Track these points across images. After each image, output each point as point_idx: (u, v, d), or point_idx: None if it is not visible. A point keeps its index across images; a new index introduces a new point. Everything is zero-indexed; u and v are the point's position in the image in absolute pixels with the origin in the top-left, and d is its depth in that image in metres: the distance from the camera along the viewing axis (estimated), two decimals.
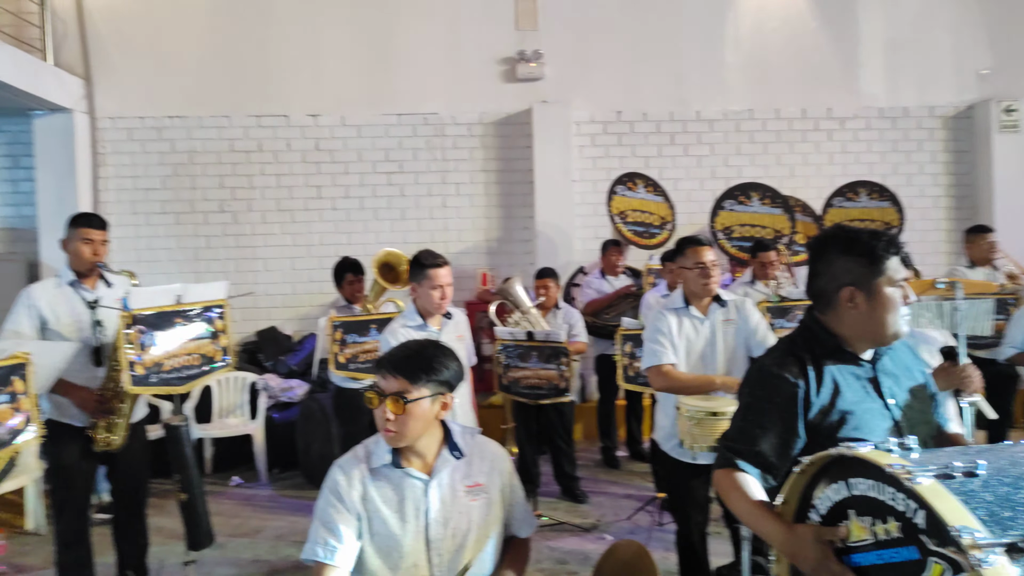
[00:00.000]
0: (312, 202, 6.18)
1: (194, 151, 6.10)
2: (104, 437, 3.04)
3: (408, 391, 1.69)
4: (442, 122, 6.26)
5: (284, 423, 5.32)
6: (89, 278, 3.13)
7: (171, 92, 6.06)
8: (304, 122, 6.16)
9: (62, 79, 5.76)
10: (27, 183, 6.06)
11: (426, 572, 1.73)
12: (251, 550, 3.99)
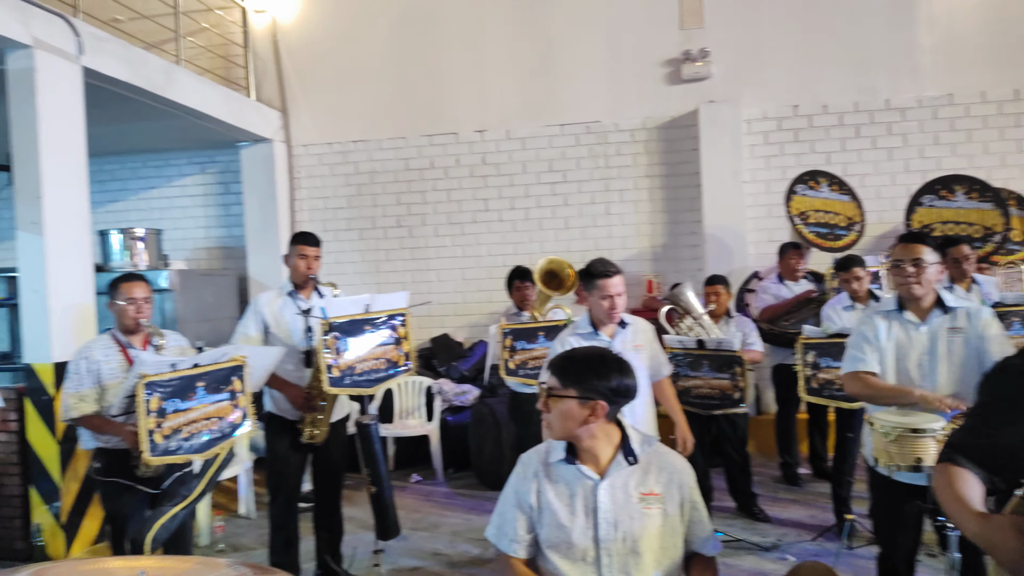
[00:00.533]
0: (480, 215, 6.43)
1: (374, 171, 6.60)
2: (309, 431, 3.37)
3: (556, 389, 1.80)
4: (604, 129, 6.26)
5: (457, 425, 5.57)
6: (305, 289, 3.49)
7: (354, 119, 6.61)
8: (471, 138, 6.43)
9: (263, 113, 6.48)
10: (236, 207, 6.87)
11: (594, 571, 1.77)
12: (431, 543, 4.21)
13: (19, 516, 4.23)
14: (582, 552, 1.78)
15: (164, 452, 2.65)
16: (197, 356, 2.84)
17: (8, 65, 4.11)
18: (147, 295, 3.07)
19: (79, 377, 2.95)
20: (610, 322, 2.99)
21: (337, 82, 6.64)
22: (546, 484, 1.84)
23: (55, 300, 4.16)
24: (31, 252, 4.15)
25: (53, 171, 4.17)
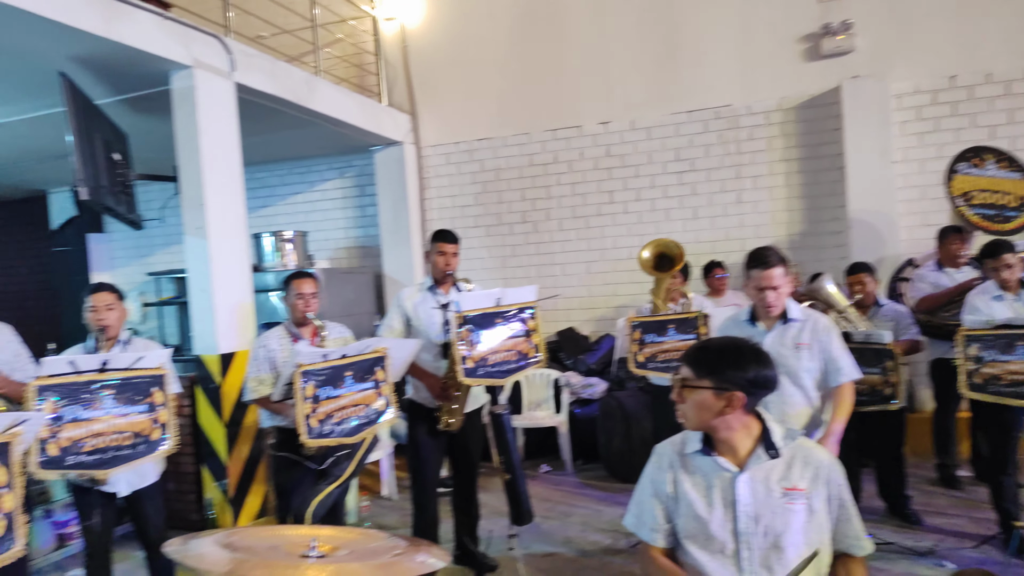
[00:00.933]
0: (605, 207, 6.38)
1: (499, 168, 6.72)
2: (446, 419, 3.50)
3: (690, 380, 1.77)
4: (735, 113, 6.00)
5: (585, 418, 5.58)
6: (444, 284, 3.64)
7: (479, 118, 6.76)
8: (595, 130, 6.39)
9: (394, 117, 6.78)
10: (372, 208, 7.25)
11: (733, 564, 1.73)
12: (562, 532, 4.25)
13: (193, 492, 4.71)
14: (720, 544, 1.75)
15: (319, 435, 2.86)
16: (345, 347, 3.04)
17: (172, 85, 4.56)
18: (314, 291, 3.35)
19: (258, 363, 3.27)
20: (767, 315, 2.85)
21: (462, 82, 6.82)
22: (682, 474, 1.83)
23: (219, 298, 4.59)
24: (197, 254, 4.60)
25: (214, 180, 4.60)
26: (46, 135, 5.87)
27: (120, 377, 2.60)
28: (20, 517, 1.97)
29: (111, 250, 8.68)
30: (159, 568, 3.30)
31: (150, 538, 3.26)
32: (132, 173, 4.83)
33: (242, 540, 1.50)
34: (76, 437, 2.46)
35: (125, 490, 3.14)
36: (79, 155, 3.91)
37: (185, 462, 4.67)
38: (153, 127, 5.49)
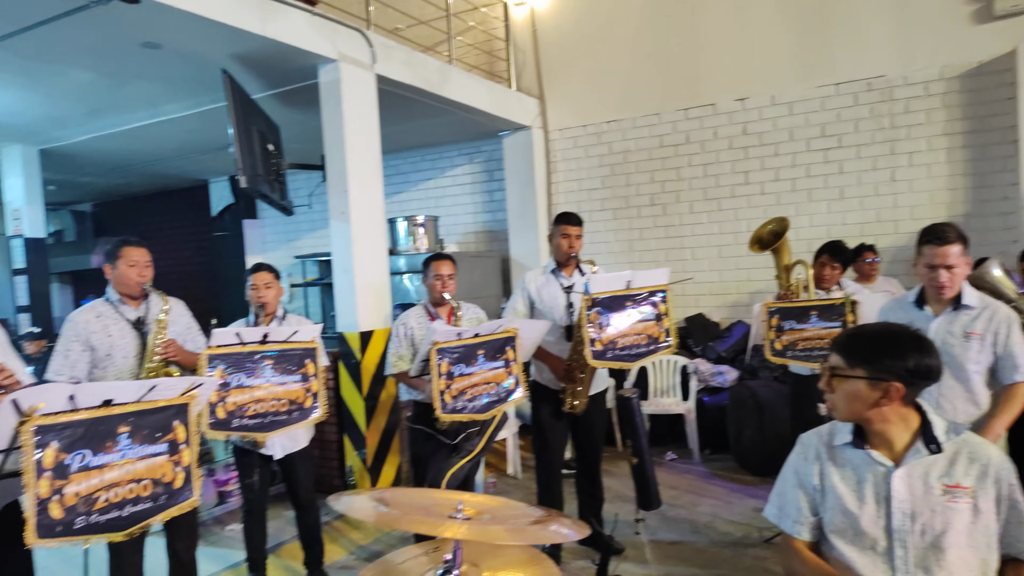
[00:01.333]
0: (739, 188, 6.10)
1: (628, 151, 6.60)
2: (570, 401, 3.53)
3: (841, 369, 1.66)
4: (890, 84, 5.52)
5: (714, 407, 5.40)
6: (567, 267, 3.66)
7: (607, 100, 6.67)
8: (731, 107, 6.11)
9: (523, 101, 6.84)
10: (499, 193, 7.37)
11: (885, 562, 1.63)
12: (689, 521, 4.17)
13: (335, 459, 5.05)
14: (871, 541, 1.65)
15: (452, 410, 2.97)
16: (478, 327, 3.12)
17: (320, 78, 4.86)
18: (452, 272, 3.48)
19: (398, 340, 3.46)
20: (938, 298, 2.58)
21: (591, 64, 6.74)
22: (830, 467, 1.73)
23: (360, 278, 4.86)
24: (341, 238, 4.89)
25: (356, 168, 4.86)
26: (208, 128, 6.46)
27: (278, 349, 2.82)
28: (196, 471, 2.20)
29: (263, 235, 9.43)
30: (308, 526, 3.58)
31: (300, 498, 3.54)
32: (284, 163, 5.20)
33: (394, 498, 1.60)
34: (240, 402, 2.71)
35: (279, 453, 3.42)
36: (239, 146, 4.26)
37: (329, 431, 5.00)
38: (301, 119, 5.88)
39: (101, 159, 7.74)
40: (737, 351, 5.67)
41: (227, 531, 4.42)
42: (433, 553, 1.85)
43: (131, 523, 2.02)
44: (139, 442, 2.00)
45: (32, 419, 1.75)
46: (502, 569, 1.70)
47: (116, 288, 3.06)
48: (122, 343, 2.98)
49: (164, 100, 5.64)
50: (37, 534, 1.80)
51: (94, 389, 1.90)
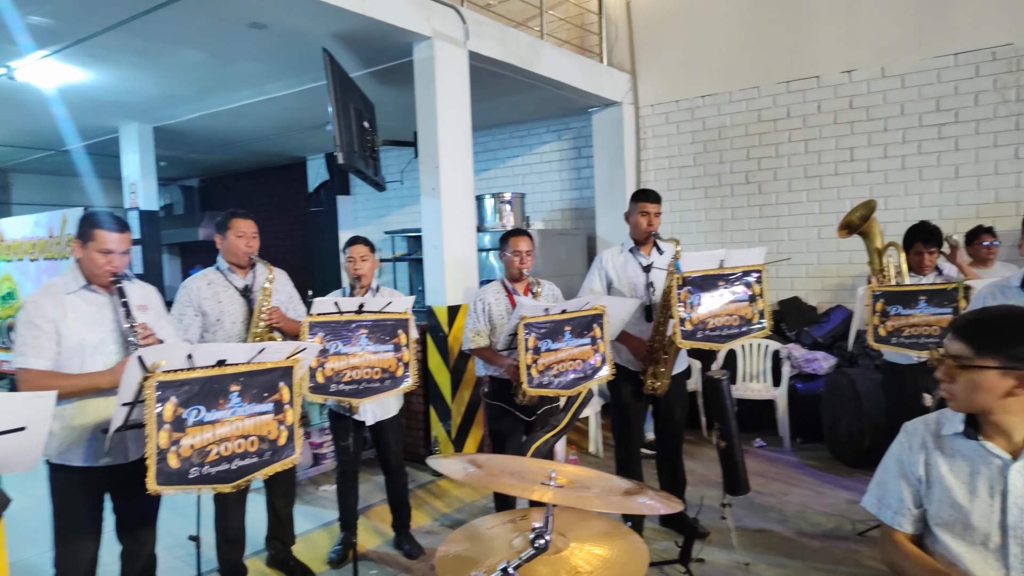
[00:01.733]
0: (843, 166, 5.78)
1: (723, 126, 6.37)
2: (651, 382, 3.48)
3: (966, 358, 1.54)
4: (1018, 53, 5.06)
5: (807, 394, 5.20)
6: (646, 245, 3.60)
7: (702, 73, 6.44)
8: (837, 80, 5.78)
9: (614, 76, 6.71)
10: (587, 170, 7.30)
11: (997, 559, 1.54)
12: (778, 509, 4.05)
13: (422, 429, 5.20)
14: (983, 536, 1.56)
15: (539, 385, 2.99)
16: (565, 303, 3.12)
17: (415, 56, 4.93)
18: (529, 248, 3.48)
19: (476, 316, 3.49)
20: None
21: (686, 37, 6.53)
22: (938, 457, 1.64)
23: (448, 253, 4.95)
24: (431, 214, 4.98)
25: (447, 144, 4.92)
26: (307, 107, 6.71)
27: (372, 319, 2.92)
28: (298, 430, 2.32)
29: (355, 210, 9.74)
30: (396, 490, 3.72)
31: (390, 463, 3.68)
32: (378, 140, 5.33)
33: (488, 462, 1.63)
34: (337, 368, 2.83)
35: (371, 419, 3.56)
36: (337, 124, 4.39)
37: (415, 402, 5.16)
38: (395, 97, 6.01)
39: (208, 136, 8.19)
40: (835, 337, 5.42)
41: (321, 491, 4.64)
42: (520, 521, 1.88)
43: (238, 476, 2.16)
44: (248, 400, 2.13)
45: (155, 375, 1.89)
46: (589, 541, 1.71)
47: (225, 257, 3.25)
48: (231, 309, 3.17)
49: (267, 79, 5.89)
50: (156, 481, 1.96)
51: (210, 350, 2.03)
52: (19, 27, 4.24)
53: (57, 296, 2.39)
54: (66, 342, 2.34)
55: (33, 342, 2.29)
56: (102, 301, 2.46)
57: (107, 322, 2.44)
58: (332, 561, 3.59)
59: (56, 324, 2.34)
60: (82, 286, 2.44)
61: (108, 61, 5.23)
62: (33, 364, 2.28)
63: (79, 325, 2.38)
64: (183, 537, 3.66)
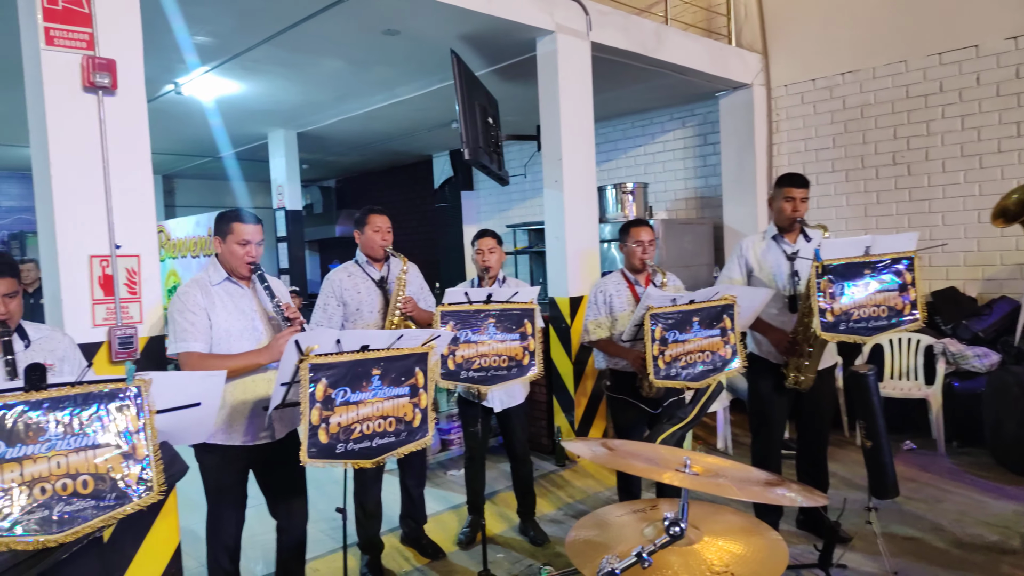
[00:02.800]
0: (1007, 142, 5.20)
1: (866, 104, 5.93)
2: (794, 376, 3.32)
3: None
4: None
5: (966, 394, 4.75)
6: (791, 232, 3.42)
7: (842, 49, 6.03)
8: (1000, 47, 5.20)
9: (743, 58, 6.42)
10: (713, 157, 7.05)
11: None
12: (930, 517, 3.74)
13: (545, 419, 5.26)
14: None
15: (666, 377, 2.95)
16: (694, 293, 3.05)
17: (538, 51, 4.98)
18: (651, 238, 3.43)
19: (596, 307, 3.48)
20: None
21: (823, 11, 6.13)
22: None
23: (571, 245, 4.97)
24: (554, 206, 5.02)
25: (569, 137, 4.94)
26: (433, 107, 6.96)
27: (500, 309, 3.00)
28: (431, 413, 2.44)
29: (478, 205, 9.99)
30: (522, 477, 3.79)
31: (516, 450, 3.76)
32: (501, 135, 5.44)
33: (622, 447, 1.64)
34: (467, 356, 2.93)
35: (498, 407, 3.65)
36: (463, 121, 4.53)
37: (539, 392, 5.22)
38: (517, 92, 6.10)
39: (344, 139, 8.70)
40: (999, 331, 4.90)
41: (449, 475, 4.82)
42: (650, 511, 1.87)
43: (378, 453, 2.30)
44: (387, 384, 2.26)
45: (308, 358, 2.06)
46: (723, 535, 1.67)
47: (363, 251, 3.45)
48: (368, 299, 3.37)
49: (398, 83, 6.17)
50: (308, 454, 2.12)
51: (355, 335, 2.17)
52: (188, 46, 4.71)
53: (205, 287, 2.61)
54: (214, 330, 2.56)
55: (191, 328, 2.52)
56: (242, 292, 2.67)
57: (247, 311, 2.65)
58: (461, 542, 3.73)
59: (207, 312, 2.56)
60: (224, 278, 2.66)
61: (259, 73, 5.70)
62: (194, 347, 2.51)
63: (225, 314, 2.59)
64: (325, 512, 3.95)
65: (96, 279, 2.87)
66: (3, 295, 2.02)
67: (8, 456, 1.55)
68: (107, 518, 1.65)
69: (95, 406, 1.67)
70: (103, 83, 2.82)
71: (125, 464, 1.69)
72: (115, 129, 2.90)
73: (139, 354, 2.96)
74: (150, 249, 3.04)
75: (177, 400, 1.81)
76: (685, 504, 1.45)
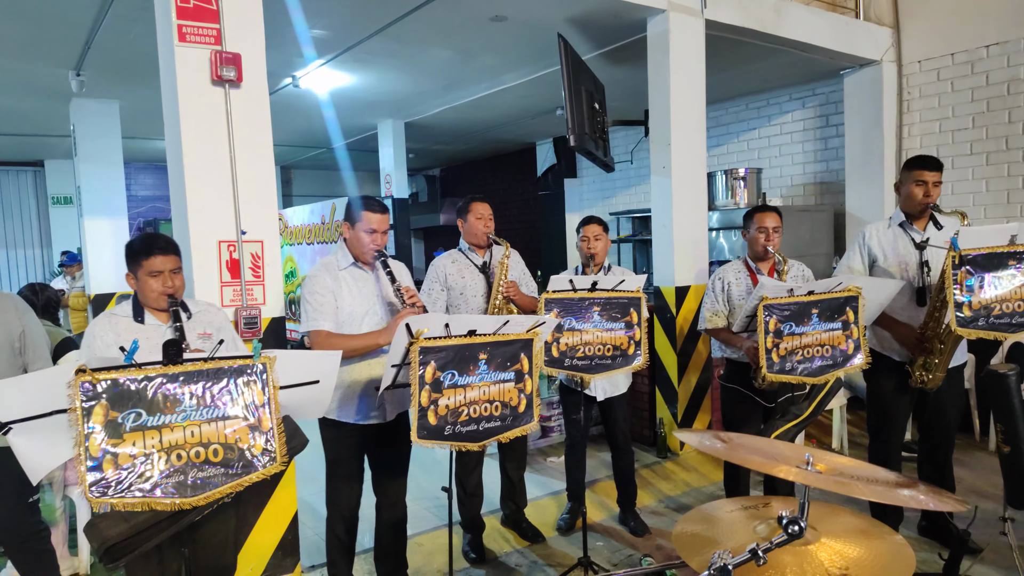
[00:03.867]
0: None
1: (1014, 79, 5.37)
2: (920, 374, 3.08)
3: None
4: None
5: None
6: (920, 219, 3.17)
7: (987, 18, 5.48)
8: None
9: (872, 33, 5.97)
10: (835, 140, 6.62)
11: None
12: None
13: (647, 410, 5.16)
14: None
15: (780, 371, 2.80)
16: (812, 284, 2.88)
17: (648, 31, 4.84)
18: (777, 225, 3.28)
19: (714, 295, 3.37)
20: None
21: None
22: None
23: (678, 233, 4.82)
24: (661, 193, 4.89)
25: (680, 120, 4.78)
26: (537, 94, 6.94)
27: (605, 297, 2.96)
28: (536, 399, 2.44)
29: (581, 193, 9.91)
30: (623, 467, 3.74)
31: (617, 440, 3.71)
32: (607, 120, 5.35)
33: (739, 441, 1.57)
34: (571, 344, 2.91)
35: (601, 396, 3.62)
36: (569, 106, 4.48)
37: (641, 383, 5.13)
38: (624, 77, 5.98)
39: (449, 128, 8.86)
40: None
41: (548, 462, 4.84)
42: (762, 508, 1.79)
43: (484, 436, 2.33)
44: (494, 368, 2.29)
45: (418, 341, 2.11)
46: (842, 536, 1.58)
47: (466, 238, 3.50)
48: (472, 284, 3.42)
49: (504, 70, 6.20)
50: (418, 435, 2.18)
51: (463, 320, 2.21)
52: (306, 40, 4.94)
53: (333, 271, 2.75)
54: (341, 312, 2.70)
55: (320, 308, 2.67)
56: (367, 277, 2.79)
57: (371, 295, 2.77)
58: (560, 528, 3.73)
59: (334, 294, 2.70)
60: (351, 263, 2.78)
61: (370, 65, 5.88)
62: (323, 326, 2.66)
63: (350, 297, 2.72)
64: (428, 490, 4.07)
65: (224, 263, 3.07)
66: (170, 271, 2.21)
67: (149, 424, 1.68)
68: (235, 485, 1.76)
69: (225, 380, 1.78)
70: (229, 76, 2.99)
71: (251, 435, 1.80)
72: (240, 120, 3.08)
73: (262, 334, 3.14)
74: (272, 235, 3.21)
75: (298, 377, 1.90)
76: (806, 502, 1.37)
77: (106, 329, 2.21)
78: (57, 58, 5.33)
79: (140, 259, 2.20)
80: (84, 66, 5.51)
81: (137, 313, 2.26)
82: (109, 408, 1.63)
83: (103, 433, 1.62)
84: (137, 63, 5.39)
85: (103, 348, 2.18)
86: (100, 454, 1.62)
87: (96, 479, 1.61)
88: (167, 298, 2.20)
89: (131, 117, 7.05)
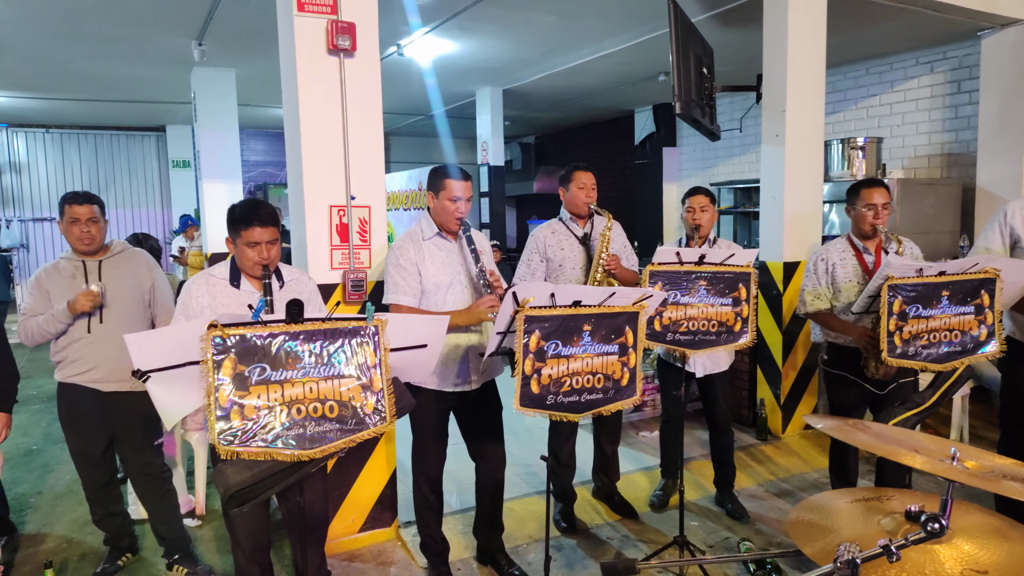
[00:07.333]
0: None
1: None
2: None
3: None
4: None
5: None
6: None
7: None
8: None
9: None
10: (968, 107, 6.08)
11: None
12: None
13: (746, 389, 4.99)
14: None
15: (902, 355, 2.63)
16: (944, 264, 2.66)
17: None
18: (886, 201, 3.06)
19: (816, 276, 3.18)
20: None
21: None
22: None
23: (789, 206, 4.58)
24: (772, 162, 4.64)
25: (795, 86, 4.50)
26: (639, 60, 6.72)
27: (712, 271, 2.85)
28: (639, 373, 2.39)
29: (680, 162, 9.60)
30: (722, 447, 3.64)
31: (717, 418, 3.61)
32: (715, 86, 5.11)
33: (875, 428, 1.48)
34: (675, 318, 2.83)
35: (700, 372, 3.52)
36: (676, 71, 4.30)
37: (742, 361, 4.96)
38: (734, 40, 5.68)
39: (547, 95, 8.75)
40: None
41: (641, 437, 4.78)
42: (887, 501, 1.69)
43: (585, 408, 2.31)
44: (598, 340, 2.25)
45: (524, 310, 2.10)
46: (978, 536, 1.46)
47: (567, 208, 3.44)
48: (571, 256, 3.37)
49: (606, 35, 6.03)
50: (520, 403, 2.19)
51: (569, 291, 2.18)
52: (412, 8, 4.97)
53: (417, 242, 2.75)
54: (425, 282, 2.70)
55: (402, 282, 2.68)
56: (451, 247, 2.78)
57: (455, 265, 2.75)
58: (653, 504, 3.69)
59: (418, 266, 2.70)
60: (435, 233, 2.77)
61: (472, 32, 5.87)
62: (403, 300, 2.68)
63: (435, 268, 2.72)
64: (521, 457, 4.11)
65: (334, 227, 3.17)
66: (267, 242, 2.29)
67: (272, 379, 1.77)
68: (348, 441, 1.83)
69: (340, 341, 1.84)
70: (344, 46, 3.05)
71: (364, 394, 1.86)
72: (353, 89, 3.14)
73: (367, 296, 3.24)
74: (379, 200, 3.28)
75: (408, 340, 1.94)
76: (949, 500, 1.27)
77: (203, 290, 2.31)
78: (181, 28, 5.62)
79: (240, 228, 2.26)
80: (206, 36, 5.79)
81: (234, 277, 2.35)
82: (237, 362, 1.72)
83: (231, 385, 1.72)
84: (254, 33, 5.61)
85: (197, 310, 2.28)
86: (228, 404, 1.71)
87: (224, 428, 1.71)
88: (262, 268, 2.27)
89: (246, 85, 7.38)
